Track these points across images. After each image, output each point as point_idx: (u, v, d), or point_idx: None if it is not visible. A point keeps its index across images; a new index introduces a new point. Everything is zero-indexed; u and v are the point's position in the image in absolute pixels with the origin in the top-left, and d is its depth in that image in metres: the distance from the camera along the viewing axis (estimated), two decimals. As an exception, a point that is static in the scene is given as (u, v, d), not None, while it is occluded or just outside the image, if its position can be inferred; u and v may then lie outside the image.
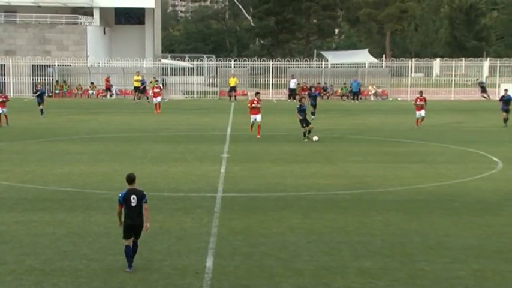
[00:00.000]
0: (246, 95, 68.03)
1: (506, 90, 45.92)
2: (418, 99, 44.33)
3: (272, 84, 72.26)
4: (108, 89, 69.60)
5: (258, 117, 38.29)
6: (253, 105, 38.53)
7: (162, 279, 15.10)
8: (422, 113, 43.80)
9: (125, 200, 15.40)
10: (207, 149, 34.09)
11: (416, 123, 43.94)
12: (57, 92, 69.49)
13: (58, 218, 20.36)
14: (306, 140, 36.55)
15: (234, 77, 68.38)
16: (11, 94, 67.85)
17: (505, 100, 44.58)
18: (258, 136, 37.53)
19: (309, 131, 36.71)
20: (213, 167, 29.19)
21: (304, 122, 36.88)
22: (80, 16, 74.66)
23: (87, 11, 76.67)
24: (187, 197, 23.33)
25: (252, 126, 38.72)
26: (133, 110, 56.98)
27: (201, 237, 18.24)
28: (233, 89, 67.36)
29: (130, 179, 15.64)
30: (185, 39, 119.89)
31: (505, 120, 43.83)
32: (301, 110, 36.85)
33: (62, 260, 16.35)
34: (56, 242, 17.81)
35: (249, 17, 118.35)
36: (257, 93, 40.67)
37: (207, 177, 27.02)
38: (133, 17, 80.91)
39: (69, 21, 73.82)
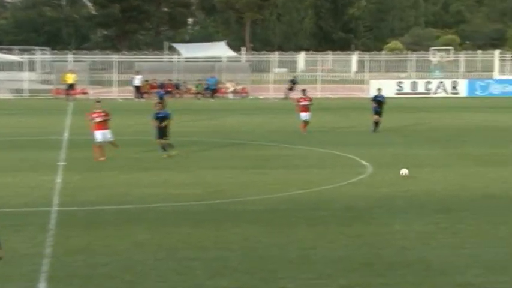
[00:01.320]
0: (87, 93, 67.05)
1: (379, 90, 44.74)
2: (302, 99, 42.49)
3: (117, 81, 71.48)
4: None
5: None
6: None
7: (-15, 308, 14.72)
8: (307, 115, 41.78)
9: None
10: (40, 157, 33.43)
11: (301, 127, 41.78)
12: None
13: None
14: (165, 155, 32.96)
15: (71, 73, 67.28)
16: None
17: (377, 100, 43.18)
18: None
19: (168, 146, 33.38)
20: (48, 176, 28.65)
21: (161, 133, 33.16)
22: None
23: None
24: (17, 213, 22.82)
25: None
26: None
27: (33, 259, 17.84)
28: (71, 86, 66.21)
29: None
30: (13, 28, 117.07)
31: (376, 123, 42.55)
32: (158, 118, 33.17)
33: None
34: None
35: (89, 4, 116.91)
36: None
37: (40, 189, 26.51)
38: None
39: None
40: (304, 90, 43.76)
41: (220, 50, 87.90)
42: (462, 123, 48.99)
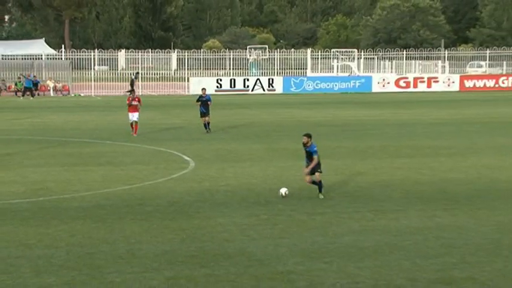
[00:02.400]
0: None
1: (204, 89, 43.34)
2: (131, 99, 40.35)
3: None
4: None
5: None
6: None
7: None
8: (135, 116, 39.87)
9: None
10: None
11: (132, 128, 40.11)
12: None
13: None
14: None
15: None
16: None
17: (202, 101, 41.75)
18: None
19: None
20: None
21: None
22: None
23: None
24: None
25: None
26: None
27: None
28: None
29: None
30: None
31: (206, 124, 41.51)
32: None
33: None
34: None
35: None
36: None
37: None
38: None
39: None
40: (131, 91, 42.68)
41: (39, 47, 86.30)
42: (279, 118, 50.04)
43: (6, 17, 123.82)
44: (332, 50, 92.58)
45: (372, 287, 15.65)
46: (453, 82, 79.36)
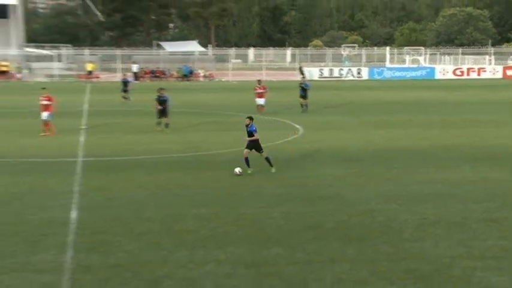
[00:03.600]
0: (99, 77, 66.36)
1: (303, 78, 41.34)
2: (258, 88, 38.08)
3: (120, 68, 70.74)
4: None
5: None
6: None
7: (35, 229, 14.68)
8: (262, 101, 37.90)
9: None
10: (68, 122, 33.13)
11: (258, 110, 37.05)
12: None
13: None
14: (159, 129, 30.15)
15: (91, 63, 66.86)
16: None
17: (302, 87, 39.25)
18: None
19: (166, 125, 30.42)
20: (74, 137, 28.47)
21: (161, 113, 30.35)
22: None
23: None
24: (52, 162, 22.68)
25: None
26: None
27: (66, 195, 17.82)
28: (90, 73, 65.79)
29: None
30: (44, 31, 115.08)
31: (302, 105, 38.90)
32: (161, 101, 30.48)
33: None
34: None
35: (98, 13, 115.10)
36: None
37: (69, 145, 26.35)
38: (-2, 12, 76.69)
39: None
40: (259, 81, 39.53)
41: (193, 46, 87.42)
42: (365, 98, 49.35)
43: (171, 25, 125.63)
44: (405, 48, 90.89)
45: (435, 223, 15.39)
46: (497, 71, 76.50)
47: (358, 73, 73.68)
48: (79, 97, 47.50)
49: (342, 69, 74.41)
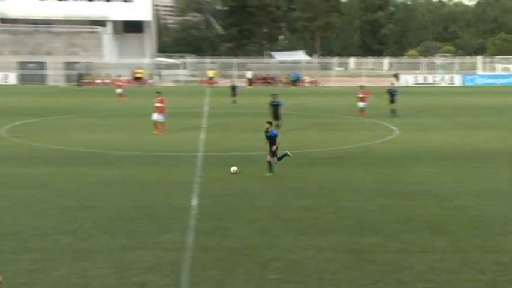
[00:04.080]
0: (217, 83, 67.54)
1: (392, 84, 40.93)
2: (360, 93, 36.76)
3: (236, 75, 71.70)
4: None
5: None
6: None
7: (162, 213, 15.06)
8: (363, 104, 36.21)
9: None
10: (191, 121, 33.88)
11: (359, 113, 36.17)
12: (82, 81, 68.25)
13: (86, 170, 20.14)
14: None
15: (213, 70, 68.43)
16: (49, 83, 66.86)
17: (390, 93, 38.02)
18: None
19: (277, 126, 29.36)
20: (195, 134, 29.04)
21: (276, 117, 29.84)
22: (97, 27, 73.45)
23: (103, 23, 75.37)
24: (176, 156, 23.21)
25: None
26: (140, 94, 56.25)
27: (188, 184, 18.17)
28: (211, 79, 67.16)
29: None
30: (173, 43, 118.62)
31: (392, 110, 37.29)
32: (274, 106, 30.29)
33: (90, 200, 16.21)
34: (86, 188, 17.64)
35: (218, 27, 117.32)
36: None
37: (191, 141, 26.90)
38: (135, 27, 79.53)
39: (90, 30, 72.58)
40: (361, 86, 38.27)
41: (300, 56, 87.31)
42: (457, 103, 47.61)
43: (281, 37, 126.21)
44: (496, 57, 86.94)
45: (523, 219, 14.57)
46: None
47: (451, 80, 71.15)
48: (200, 100, 48.50)
49: (435, 77, 72.08)
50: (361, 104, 36.68)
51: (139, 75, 67.67)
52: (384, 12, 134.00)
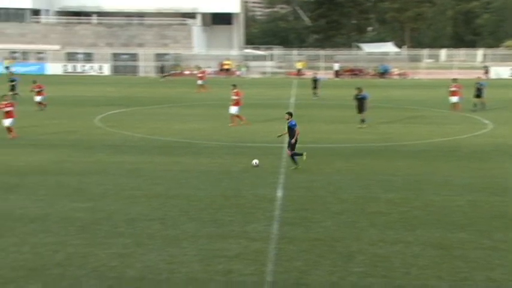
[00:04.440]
0: (304, 75, 67.37)
1: (479, 78, 38.76)
2: (453, 86, 34.92)
3: (324, 67, 71.28)
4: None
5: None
6: None
7: (248, 203, 15.24)
8: (456, 99, 34.57)
9: None
10: (277, 113, 33.95)
11: (451, 108, 34.77)
12: (173, 72, 69.90)
13: (175, 159, 20.65)
14: (360, 126, 28.44)
15: (301, 62, 68.38)
16: (140, 74, 68.97)
17: (477, 88, 35.89)
18: None
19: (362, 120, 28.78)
20: (282, 125, 29.04)
21: (359, 109, 28.83)
22: (187, 19, 75.01)
23: (193, 15, 76.87)
24: (263, 147, 23.38)
25: None
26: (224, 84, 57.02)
27: (273, 175, 18.30)
28: (299, 71, 67.07)
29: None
30: (260, 35, 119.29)
31: (475, 104, 35.32)
32: (359, 99, 28.96)
33: (178, 189, 16.63)
34: (174, 176, 18.10)
35: (306, 19, 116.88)
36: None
37: (277, 132, 26.94)
38: (224, 19, 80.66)
39: (180, 22, 74.22)
40: (455, 79, 35.78)
41: (388, 47, 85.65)
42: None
43: (369, 28, 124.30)
44: None
45: None
46: None
47: (549, 71, 67.66)
48: (287, 91, 48.58)
49: (533, 69, 68.77)
50: (453, 99, 35.07)
51: (227, 67, 68.63)
52: (479, 1, 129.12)
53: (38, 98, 34.70)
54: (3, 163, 19.75)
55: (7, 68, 64.95)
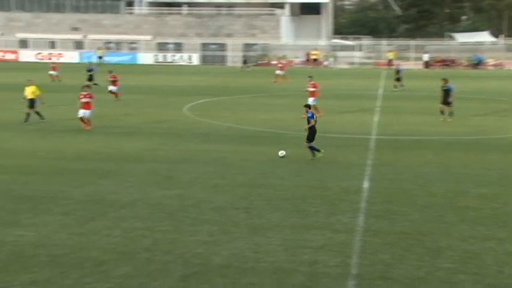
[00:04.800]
0: (393, 65, 65.99)
1: None
2: None
3: (414, 57, 69.56)
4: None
5: None
6: None
7: (333, 194, 15.14)
8: None
9: None
10: (365, 104, 33.53)
11: None
12: (259, 62, 70.32)
13: (260, 149, 20.76)
14: (443, 119, 27.36)
15: (392, 52, 67.12)
16: (228, 64, 69.80)
17: None
18: None
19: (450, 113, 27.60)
20: (369, 116, 28.71)
21: (446, 102, 27.46)
22: (275, 9, 75.17)
23: (281, 5, 76.93)
24: (349, 138, 23.14)
25: None
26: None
27: (359, 167, 18.08)
28: (390, 61, 65.78)
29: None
30: (349, 24, 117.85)
31: None
32: (443, 90, 27.76)
33: (263, 178, 16.74)
34: (260, 166, 18.23)
35: (396, 8, 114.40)
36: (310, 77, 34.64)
37: (364, 124, 26.65)
38: (312, 8, 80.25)
39: (268, 12, 74.50)
40: None
41: (484, 37, 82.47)
42: None
43: (463, 17, 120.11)
44: None
45: None
46: None
47: None
48: (375, 82, 47.78)
49: None
50: None
51: (314, 57, 68.30)
52: None
53: (112, 88, 34.89)
54: (97, 150, 20.56)
55: (100, 57, 67.51)
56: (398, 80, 41.63)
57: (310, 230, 12.41)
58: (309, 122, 18.99)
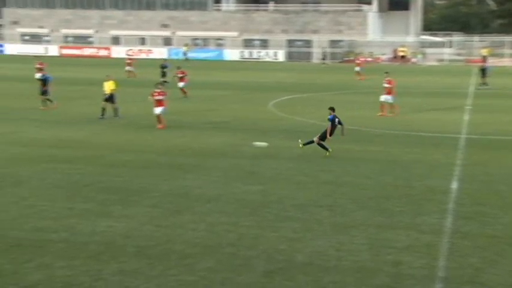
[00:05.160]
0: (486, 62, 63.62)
1: None
2: None
3: (509, 54, 66.79)
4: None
5: None
6: None
7: (419, 194, 14.79)
8: None
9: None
10: (454, 102, 32.53)
11: None
12: (346, 59, 69.63)
13: (344, 147, 20.52)
14: None
15: (487, 48, 64.83)
16: (314, 61, 69.49)
17: None
18: None
19: None
20: (458, 115, 27.83)
21: None
22: (363, 5, 74.16)
23: (368, 1, 75.80)
24: (438, 137, 22.52)
25: None
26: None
27: (448, 167, 17.56)
28: (485, 57, 63.44)
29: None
30: (439, 20, 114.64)
31: None
32: None
33: (347, 176, 16.56)
34: (343, 163, 18.04)
35: (491, 3, 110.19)
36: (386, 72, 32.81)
37: (453, 122, 25.87)
38: (401, 4, 78.53)
39: (356, 8, 73.61)
40: None
41: None
42: None
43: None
44: None
45: None
46: None
47: None
48: (465, 80, 46.24)
49: None
50: None
51: (402, 54, 66.97)
52: None
53: (180, 84, 34.73)
54: (184, 144, 20.99)
55: (184, 53, 68.89)
56: (483, 77, 40.16)
57: (395, 230, 12.17)
58: (332, 124, 18.91)
